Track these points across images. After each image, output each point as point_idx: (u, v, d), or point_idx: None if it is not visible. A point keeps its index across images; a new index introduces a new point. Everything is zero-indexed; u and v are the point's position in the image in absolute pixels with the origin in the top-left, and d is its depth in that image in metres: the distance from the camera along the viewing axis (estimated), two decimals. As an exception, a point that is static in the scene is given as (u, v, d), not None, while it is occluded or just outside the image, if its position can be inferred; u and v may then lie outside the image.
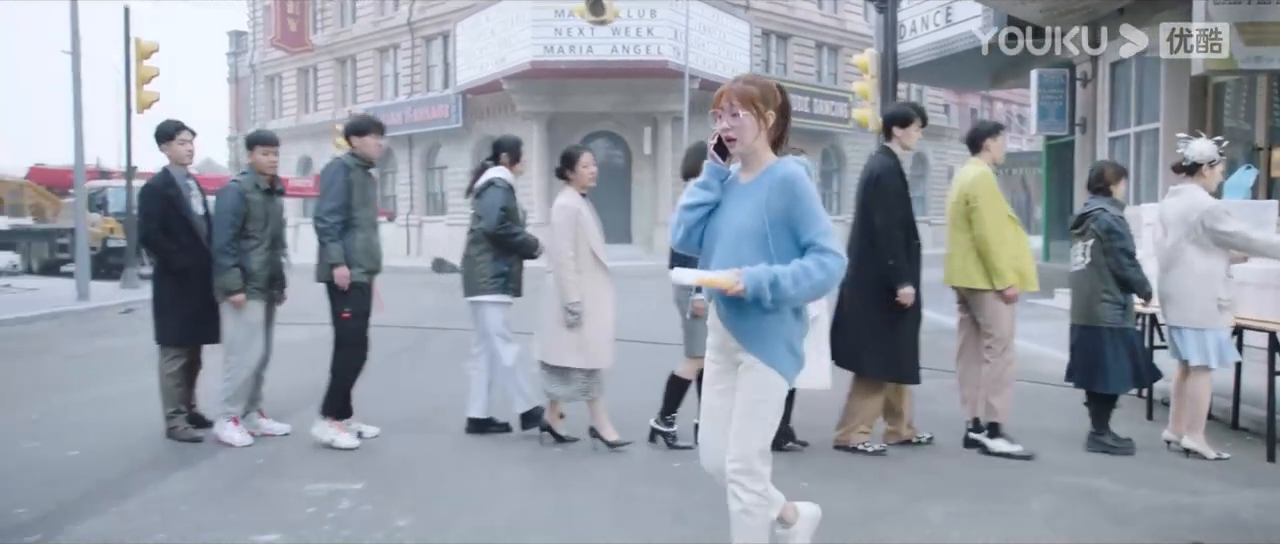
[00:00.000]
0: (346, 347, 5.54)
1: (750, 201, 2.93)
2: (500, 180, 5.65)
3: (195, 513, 4.27)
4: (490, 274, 5.60)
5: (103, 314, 14.47)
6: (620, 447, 5.34)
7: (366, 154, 5.64)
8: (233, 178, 5.80)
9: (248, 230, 5.55)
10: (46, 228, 26.91)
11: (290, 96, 42.79)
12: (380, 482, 4.70)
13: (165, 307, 5.75)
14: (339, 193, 5.46)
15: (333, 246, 5.40)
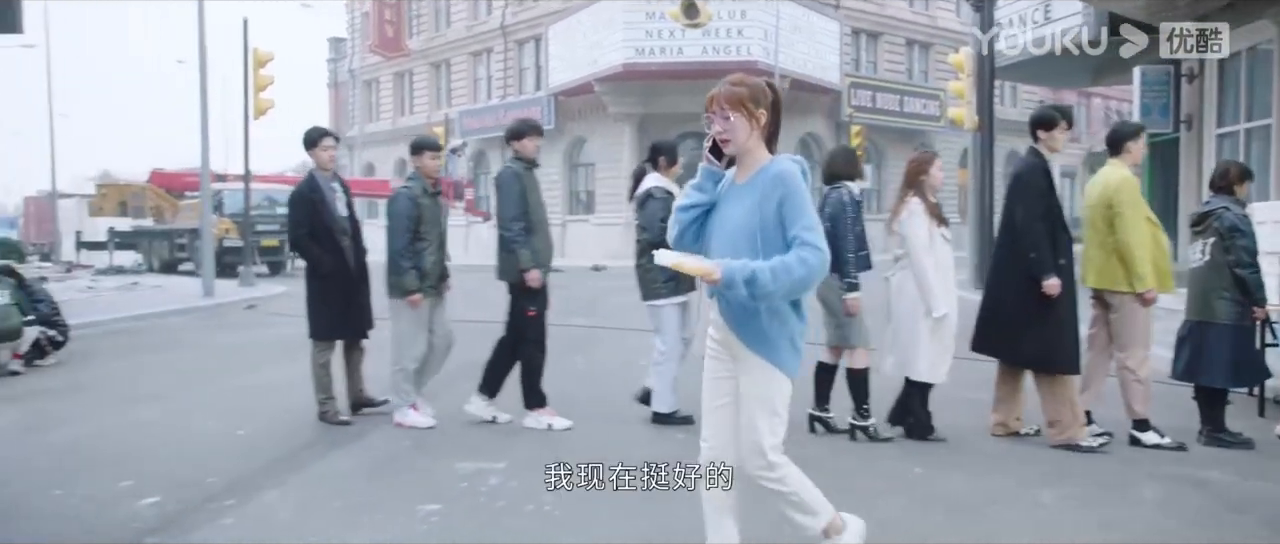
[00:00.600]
0: (530, 342, 5.93)
1: (746, 200, 3.02)
2: (657, 190, 5.92)
3: (360, 486, 4.73)
4: (662, 279, 5.85)
5: (228, 310, 15.36)
6: None
7: (527, 155, 5.98)
8: (402, 184, 6.18)
9: (420, 232, 5.96)
10: (166, 229, 28.38)
11: (387, 100, 44.11)
12: (522, 461, 5.10)
13: (315, 304, 6.24)
14: (517, 199, 5.83)
15: (522, 252, 5.77)
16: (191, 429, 6.12)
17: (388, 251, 6.01)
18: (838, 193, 5.55)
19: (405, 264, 5.91)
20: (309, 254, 6.22)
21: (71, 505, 4.43)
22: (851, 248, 5.42)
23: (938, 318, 5.38)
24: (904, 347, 5.54)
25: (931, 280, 5.38)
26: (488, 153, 38.16)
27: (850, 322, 5.49)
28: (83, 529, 4.07)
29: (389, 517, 4.17)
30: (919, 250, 5.41)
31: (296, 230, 6.27)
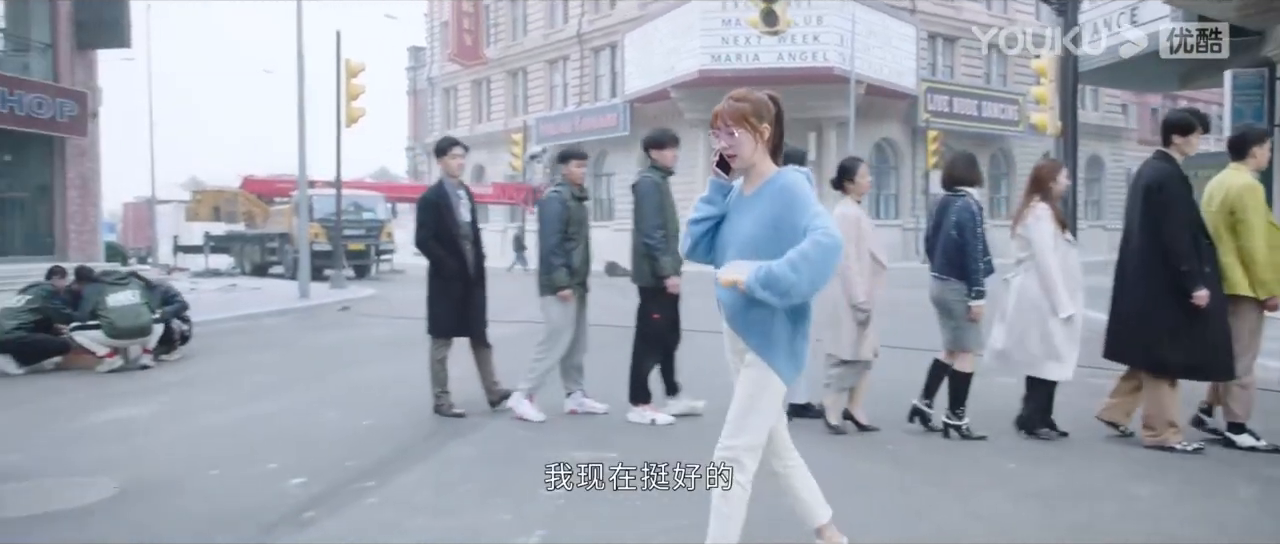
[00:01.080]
0: (650, 341, 6.26)
1: (754, 211, 3.10)
2: None
3: (486, 472, 5.09)
4: None
5: (324, 311, 16.03)
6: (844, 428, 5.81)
7: (665, 165, 6.29)
8: (552, 189, 6.55)
9: (569, 233, 6.33)
10: (257, 233, 29.52)
11: (465, 107, 45.07)
12: (632, 451, 5.41)
13: (435, 304, 6.63)
14: (657, 208, 6.10)
15: (664, 259, 6.04)
16: (318, 419, 6.57)
17: (540, 251, 6.40)
18: (964, 200, 5.71)
19: (556, 261, 6.27)
20: (433, 255, 6.59)
21: (230, 483, 4.87)
22: (980, 255, 5.57)
23: (1064, 318, 5.48)
24: (1028, 347, 5.63)
25: (1058, 282, 5.48)
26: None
27: (968, 326, 5.66)
28: (245, 504, 4.49)
29: (517, 499, 4.51)
30: (1046, 253, 5.52)
31: (422, 232, 6.62)
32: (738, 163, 3.14)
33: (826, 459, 5.34)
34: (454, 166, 6.69)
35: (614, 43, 35.62)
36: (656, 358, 6.33)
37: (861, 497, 4.64)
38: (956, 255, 5.64)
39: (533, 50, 40.30)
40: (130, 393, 7.69)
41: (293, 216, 25.90)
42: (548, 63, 39.80)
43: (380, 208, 27.65)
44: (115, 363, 8.92)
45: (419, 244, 6.72)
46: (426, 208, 6.64)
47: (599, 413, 6.45)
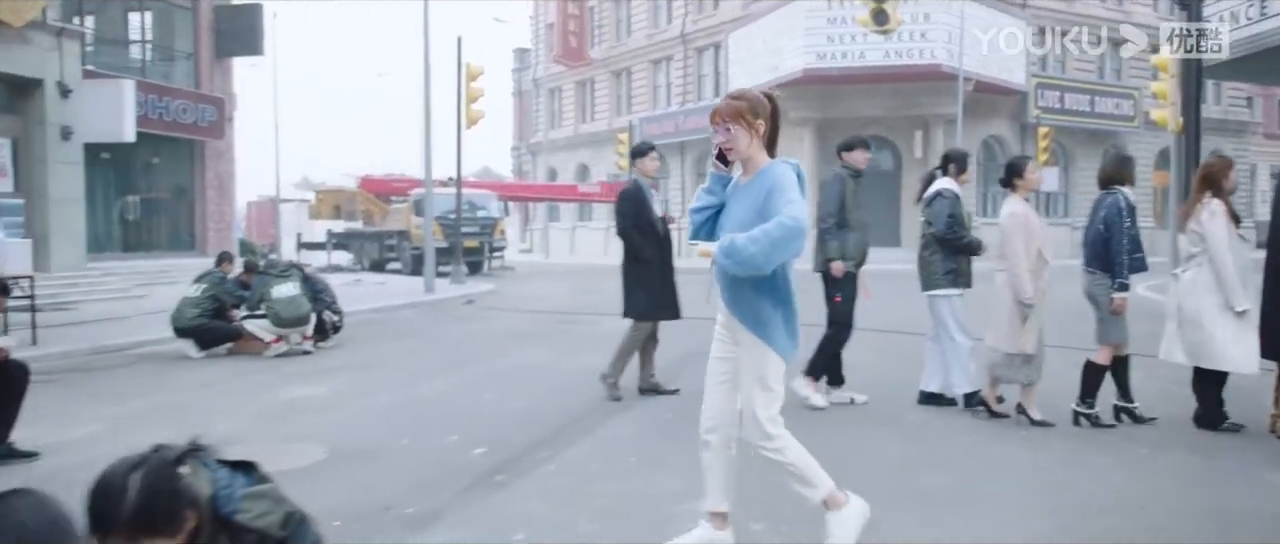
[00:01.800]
0: (837, 325, 6.66)
1: (748, 199, 3.41)
2: (947, 191, 6.49)
3: (647, 446, 5.58)
4: (942, 271, 6.42)
5: (449, 304, 16.83)
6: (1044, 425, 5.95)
7: (856, 166, 6.74)
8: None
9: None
10: (375, 230, 30.81)
11: (569, 108, 45.92)
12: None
13: (634, 289, 7.09)
14: (835, 199, 6.60)
15: (831, 243, 6.57)
16: (478, 400, 7.17)
17: None
18: (1113, 197, 5.94)
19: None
20: (633, 243, 7.03)
21: (421, 452, 5.47)
22: (1125, 249, 5.80)
23: (1240, 312, 5.62)
24: (1201, 341, 5.76)
25: (1234, 277, 5.63)
26: (667, 158, 39.16)
27: (1113, 319, 5.88)
28: (439, 469, 5.07)
29: (681, 470, 4.97)
30: (1222, 249, 5.67)
31: (624, 222, 7.06)
32: (733, 156, 3.48)
33: (962, 441, 5.69)
34: (650, 168, 7.16)
35: (717, 42, 35.93)
36: (845, 339, 6.68)
37: (999, 474, 4.96)
38: (1103, 249, 5.89)
39: (637, 51, 40.91)
40: (302, 375, 8.45)
41: (410, 215, 27.00)
42: (651, 63, 40.34)
43: (493, 206, 28.60)
44: (281, 349, 9.74)
45: (621, 232, 7.12)
46: (628, 200, 7.08)
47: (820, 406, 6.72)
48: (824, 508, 3.55)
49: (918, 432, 5.96)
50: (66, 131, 16.90)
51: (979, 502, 4.46)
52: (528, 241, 47.94)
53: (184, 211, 23.44)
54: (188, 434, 2.15)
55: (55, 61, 16.69)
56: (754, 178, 3.46)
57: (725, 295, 3.52)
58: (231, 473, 2.26)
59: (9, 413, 5.31)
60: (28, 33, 15.98)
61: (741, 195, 3.48)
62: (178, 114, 21.43)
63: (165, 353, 9.88)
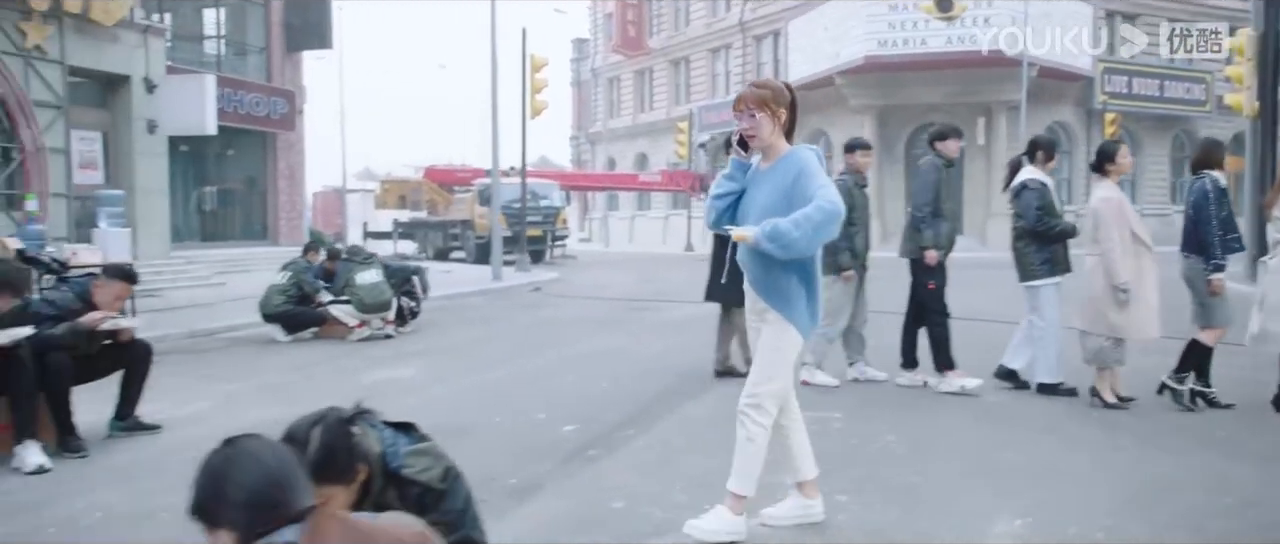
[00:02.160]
0: (934, 312, 6.79)
1: (770, 184, 3.52)
2: (1032, 182, 6.48)
3: (724, 424, 5.77)
4: (1038, 261, 6.44)
5: (517, 292, 17.20)
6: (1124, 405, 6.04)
7: (949, 155, 6.83)
8: (837, 177, 6.90)
9: (851, 218, 6.65)
10: (440, 220, 31.37)
11: (628, 97, 46.17)
12: (855, 412, 6.04)
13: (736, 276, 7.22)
14: (930, 188, 6.70)
15: (926, 232, 6.69)
16: (560, 382, 7.45)
17: None
18: (1201, 182, 6.01)
19: (841, 245, 6.72)
20: None
21: (513, 428, 5.77)
22: (1216, 231, 5.85)
23: None
24: None
25: None
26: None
27: (1213, 302, 5.93)
28: (534, 443, 5.35)
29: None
30: None
31: None
32: (756, 142, 3.59)
33: (1037, 421, 5.83)
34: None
35: (777, 30, 35.88)
36: (947, 324, 6.77)
37: (1074, 452, 5.10)
38: (1194, 233, 5.97)
39: (695, 39, 40.97)
40: (388, 358, 8.81)
41: (475, 204, 27.47)
42: (710, 51, 40.38)
43: (556, 195, 28.96)
44: (364, 333, 10.13)
45: None
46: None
47: (880, 380, 7.02)
48: (727, 499, 3.73)
49: (992, 413, 6.10)
50: (152, 125, 17.56)
51: (1056, 477, 4.61)
52: (587, 231, 48.33)
53: (256, 202, 24.16)
54: (294, 412, 2.40)
55: (141, 58, 17.35)
56: (776, 163, 3.59)
57: (754, 277, 3.65)
58: (395, 433, 2.54)
59: (135, 389, 5.70)
60: (117, 31, 16.65)
61: (764, 180, 3.60)
62: (251, 107, 22.08)
63: (254, 337, 10.33)
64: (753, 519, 3.81)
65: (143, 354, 5.74)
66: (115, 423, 5.66)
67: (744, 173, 3.68)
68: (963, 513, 4.07)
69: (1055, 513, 4.04)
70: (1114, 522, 3.92)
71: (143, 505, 4.32)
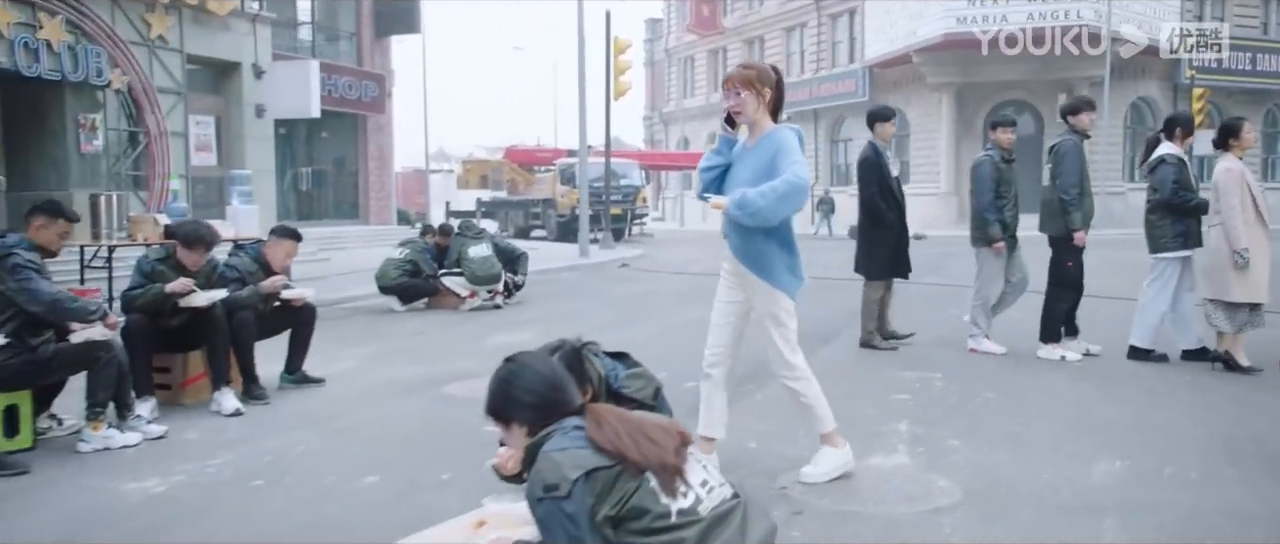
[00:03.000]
0: (1066, 288, 6.97)
1: (754, 159, 3.74)
2: (1170, 156, 6.63)
3: (831, 384, 6.25)
4: (1171, 235, 6.59)
5: (606, 267, 17.81)
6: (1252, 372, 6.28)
7: (1083, 128, 6.97)
8: (984, 153, 7.34)
9: (1000, 192, 7.14)
10: (520, 199, 32.22)
11: (701, 77, 46.43)
12: (955, 373, 6.46)
13: (873, 250, 7.55)
14: (1076, 168, 6.80)
15: (1075, 214, 6.77)
16: (668, 346, 7.94)
17: (975, 208, 7.25)
18: None
19: (990, 218, 7.10)
20: (877, 208, 7.41)
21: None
22: None
23: None
24: None
25: None
26: (802, 125, 39.32)
27: None
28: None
29: (869, 401, 5.71)
30: None
31: (868, 188, 7.44)
32: (742, 119, 3.83)
33: (1132, 383, 6.20)
34: (887, 132, 7.53)
35: (852, 8, 35.83)
36: (1069, 302, 6.99)
37: (1169, 409, 5.47)
38: None
39: (769, 18, 41.06)
40: (502, 325, 9.46)
41: (556, 183, 28.17)
42: (785, 30, 40.45)
43: (635, 174, 29.52)
44: (474, 303, 10.81)
45: (866, 198, 7.49)
46: (870, 167, 7.44)
47: (998, 354, 7.14)
48: (822, 441, 4.08)
49: (1087, 375, 6.46)
50: (260, 109, 18.53)
51: (1151, 429, 5.00)
52: (660, 210, 48.85)
53: (347, 183, 25.19)
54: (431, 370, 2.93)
55: (250, 45, 18.30)
56: (760, 140, 3.83)
57: (735, 244, 3.90)
58: (614, 360, 3.09)
59: (302, 346, 6.40)
60: (228, 20, 17.60)
61: (748, 156, 3.83)
62: (344, 90, 22.98)
63: (370, 307, 11.08)
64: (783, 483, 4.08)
65: (309, 316, 6.43)
66: (286, 376, 6.36)
67: (730, 148, 3.95)
68: (1065, 456, 4.49)
69: (1152, 458, 4.44)
70: (1207, 466, 4.31)
71: (334, 443, 4.97)
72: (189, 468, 4.47)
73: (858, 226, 7.71)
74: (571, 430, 2.22)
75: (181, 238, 5.72)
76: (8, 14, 13.66)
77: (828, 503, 3.84)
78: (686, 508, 2.14)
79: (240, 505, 3.96)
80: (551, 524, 2.09)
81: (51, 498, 4.06)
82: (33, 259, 4.71)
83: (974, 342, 7.26)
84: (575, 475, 2.09)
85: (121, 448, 4.76)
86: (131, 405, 5.02)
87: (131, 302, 5.56)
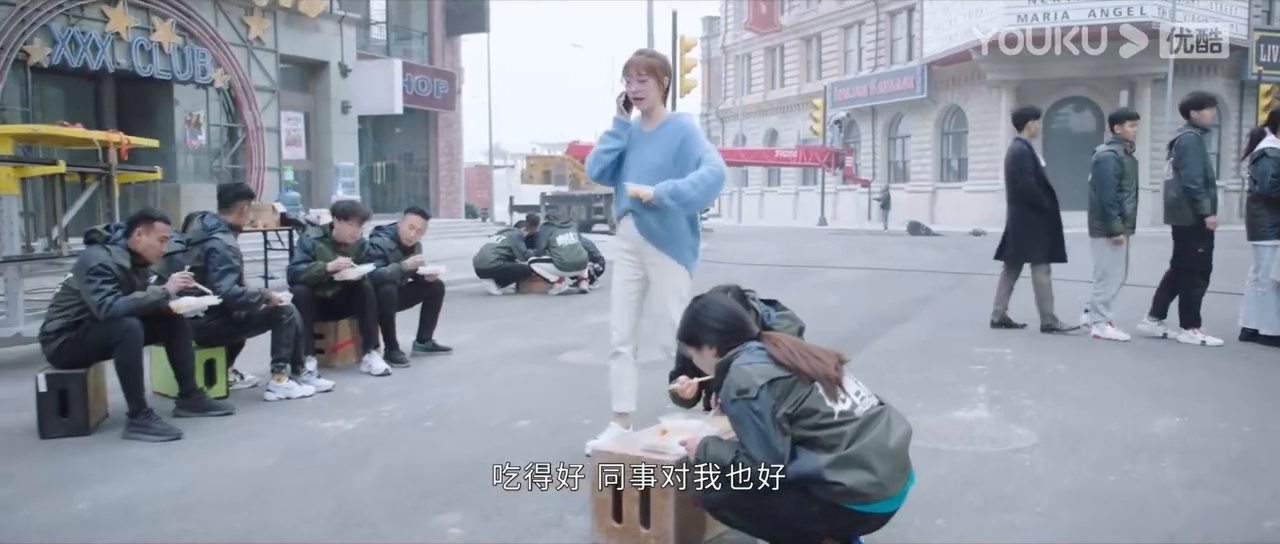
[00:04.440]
0: (1197, 274, 7.24)
1: (657, 143, 3.94)
2: (1271, 150, 6.95)
3: (911, 356, 6.90)
4: (1269, 224, 6.96)
5: (674, 258, 18.47)
6: None
7: (1203, 123, 7.30)
8: (1107, 147, 7.57)
9: (1121, 184, 7.39)
10: (583, 194, 32.99)
11: (759, 74, 46.86)
12: (1027, 349, 7.06)
13: (1036, 236, 7.79)
14: (1198, 158, 7.14)
15: (1204, 201, 7.11)
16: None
17: (1099, 200, 7.44)
18: None
19: (1113, 211, 7.36)
20: (1033, 194, 7.68)
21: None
22: None
23: None
24: None
25: None
26: (857, 122, 39.65)
27: None
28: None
29: (949, 367, 6.33)
30: None
31: (1024, 177, 7.69)
32: (643, 105, 4.02)
33: (1190, 359, 6.73)
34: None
35: (911, 5, 36.06)
36: (1204, 286, 7.27)
37: (1226, 380, 6.00)
38: None
39: (827, 16, 41.36)
40: (592, 307, 10.17)
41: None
42: (842, 28, 40.73)
43: (695, 170, 30.13)
44: (562, 287, 11.56)
45: (1024, 188, 7.74)
46: (1025, 157, 7.73)
47: (1121, 340, 7.35)
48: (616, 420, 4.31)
49: (1150, 350, 7.02)
50: (345, 106, 19.54)
51: (1208, 395, 5.55)
52: (716, 206, 49.41)
53: (417, 177, 26.18)
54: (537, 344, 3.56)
55: (337, 45, 19.33)
56: (659, 127, 4.06)
57: (650, 228, 4.05)
58: (766, 304, 3.79)
59: (432, 317, 7.19)
60: (318, 21, 18.61)
61: (650, 141, 4.04)
62: (417, 88, 23.92)
63: (466, 290, 11.85)
64: None
65: (438, 291, 7.22)
66: (418, 344, 7.14)
67: (626, 131, 4.13)
68: (1128, 413, 5.07)
69: (1207, 416, 5.00)
70: (1259, 422, 4.88)
71: (483, 395, 5.73)
72: (365, 413, 5.24)
73: (1011, 217, 7.97)
74: (755, 350, 2.89)
75: (338, 213, 6.53)
76: (127, 19, 14.75)
77: (919, 443, 4.46)
78: (845, 410, 2.79)
79: (421, 439, 4.72)
80: (743, 419, 2.76)
81: (264, 432, 4.85)
82: (232, 245, 5.51)
83: (1097, 329, 7.49)
84: (762, 382, 2.75)
85: (300, 397, 5.56)
86: (304, 363, 5.82)
87: (296, 276, 6.38)
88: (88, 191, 7.63)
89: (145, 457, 4.35)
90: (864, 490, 2.71)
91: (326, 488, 3.89)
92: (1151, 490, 3.79)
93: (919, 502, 3.51)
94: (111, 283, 4.74)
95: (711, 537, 3.27)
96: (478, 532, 3.39)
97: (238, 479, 4.02)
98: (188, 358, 5.17)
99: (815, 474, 2.71)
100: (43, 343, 4.94)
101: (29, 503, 3.70)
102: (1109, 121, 7.83)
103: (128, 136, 7.83)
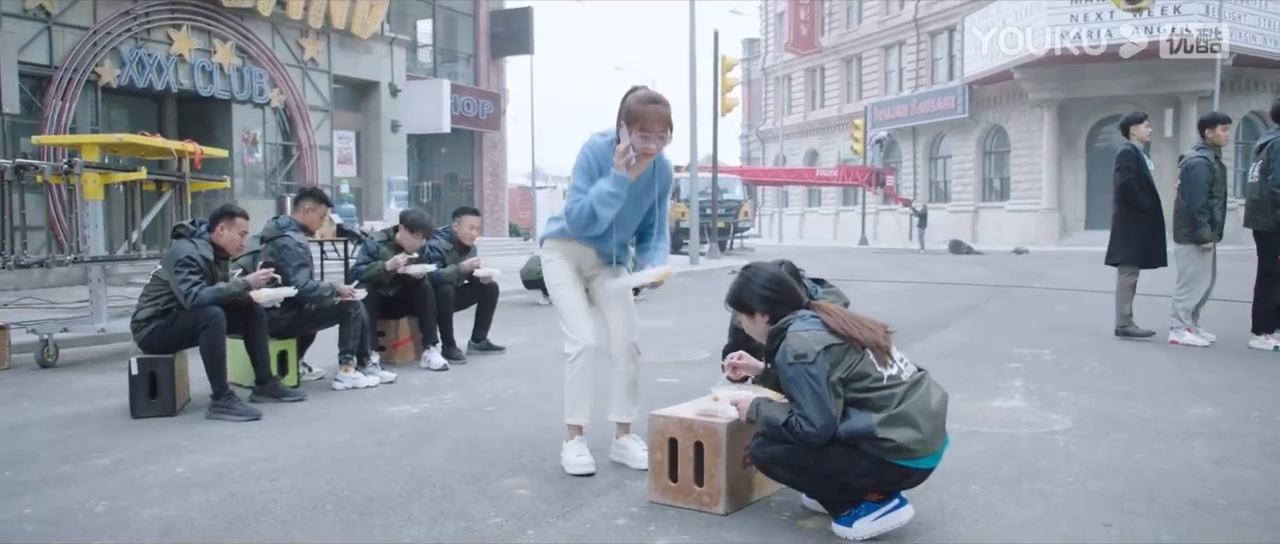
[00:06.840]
0: (1276, 280, 7.12)
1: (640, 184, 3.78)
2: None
3: (961, 352, 7.09)
4: None
5: (717, 273, 18.70)
6: None
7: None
8: (1199, 153, 7.45)
9: (1212, 191, 7.35)
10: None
11: (799, 95, 47.14)
12: (1065, 350, 7.20)
13: (1128, 238, 7.80)
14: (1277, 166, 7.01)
15: None
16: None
17: (1187, 207, 7.36)
18: None
19: (1202, 218, 7.29)
20: (1133, 193, 7.63)
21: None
22: None
23: None
24: None
25: None
26: (898, 142, 39.70)
27: None
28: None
29: (991, 364, 6.50)
30: None
31: (1125, 174, 7.65)
32: (648, 159, 3.76)
33: (1228, 359, 6.84)
34: (1144, 133, 7.81)
35: (952, 26, 36.15)
36: None
37: (1260, 377, 6.12)
38: None
39: (867, 37, 41.58)
40: (645, 314, 10.08)
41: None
42: (883, 48, 40.91)
43: (737, 188, 30.42)
44: (608, 297, 11.85)
45: (1123, 183, 7.69)
46: (1131, 157, 7.68)
47: (1201, 345, 7.32)
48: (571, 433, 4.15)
49: (1185, 350, 7.13)
50: (395, 125, 20.08)
51: (1242, 389, 5.69)
52: (757, 226, 49.61)
53: (462, 196, 26.68)
54: None
55: (387, 66, 19.90)
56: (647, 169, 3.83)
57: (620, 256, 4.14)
58: (814, 282, 4.04)
59: (487, 318, 7.53)
60: (370, 43, 19.19)
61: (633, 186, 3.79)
62: (463, 108, 24.46)
63: (516, 300, 12.20)
64: None
65: (493, 293, 7.55)
66: (473, 343, 7.47)
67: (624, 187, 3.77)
68: (1165, 404, 5.23)
69: (1240, 407, 5.15)
70: (1291, 414, 5.02)
71: (539, 387, 6.01)
72: (428, 400, 5.56)
73: (1114, 216, 7.96)
74: (809, 318, 3.14)
75: (408, 223, 6.88)
76: (190, 41, 15.38)
77: (956, 426, 4.67)
78: (893, 375, 3.04)
79: (483, 420, 5.02)
80: (799, 382, 3.01)
81: (337, 414, 5.18)
82: (302, 242, 5.88)
83: (1174, 334, 7.46)
84: (819, 348, 3.00)
85: (366, 387, 5.89)
86: (369, 355, 6.15)
87: (359, 275, 6.73)
88: (163, 199, 8.08)
89: (230, 433, 4.69)
90: (911, 446, 2.96)
91: (400, 459, 4.19)
92: (1181, 466, 3.96)
93: (953, 472, 3.74)
94: (197, 274, 5.11)
95: (759, 497, 3.52)
96: (543, 492, 3.67)
97: (318, 451, 4.34)
98: (264, 346, 5.52)
99: (867, 432, 2.96)
100: (134, 330, 5.32)
101: (134, 467, 4.04)
102: (1199, 126, 7.75)
103: (201, 147, 8.26)
